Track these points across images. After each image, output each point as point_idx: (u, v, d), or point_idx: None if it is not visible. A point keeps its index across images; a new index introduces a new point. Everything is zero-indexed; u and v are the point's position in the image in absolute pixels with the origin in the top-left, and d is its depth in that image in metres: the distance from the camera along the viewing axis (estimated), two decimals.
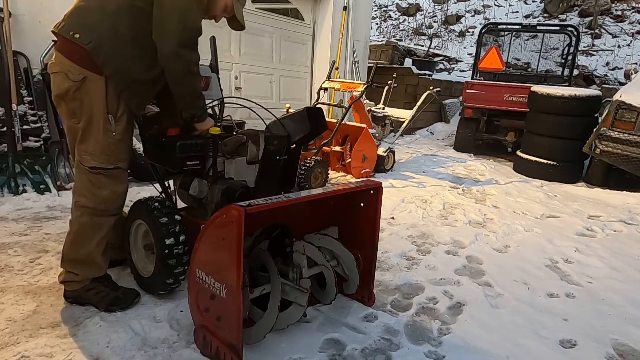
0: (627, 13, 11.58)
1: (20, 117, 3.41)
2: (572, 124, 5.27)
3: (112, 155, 1.82)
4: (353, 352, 1.74)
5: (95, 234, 1.88)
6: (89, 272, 1.91)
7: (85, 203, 1.84)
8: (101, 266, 1.94)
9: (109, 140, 1.80)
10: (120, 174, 1.88)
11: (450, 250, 2.89)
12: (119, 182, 1.88)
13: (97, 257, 1.90)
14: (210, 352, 1.60)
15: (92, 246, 1.87)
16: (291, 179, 2.31)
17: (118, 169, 1.86)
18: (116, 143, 1.82)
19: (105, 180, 1.83)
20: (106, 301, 1.89)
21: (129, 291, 1.97)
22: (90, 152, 1.80)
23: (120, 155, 1.86)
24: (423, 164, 5.86)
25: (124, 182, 1.91)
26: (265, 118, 2.32)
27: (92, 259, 1.89)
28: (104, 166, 1.81)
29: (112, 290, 1.94)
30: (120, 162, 1.86)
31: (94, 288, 1.92)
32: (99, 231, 1.88)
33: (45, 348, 1.62)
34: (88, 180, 1.83)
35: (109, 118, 1.78)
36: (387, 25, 14.34)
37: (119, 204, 1.93)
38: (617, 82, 9.42)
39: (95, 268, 1.92)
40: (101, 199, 1.84)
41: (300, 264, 1.84)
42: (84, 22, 1.72)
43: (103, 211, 1.86)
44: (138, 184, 3.76)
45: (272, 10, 5.75)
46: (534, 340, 1.90)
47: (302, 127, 2.23)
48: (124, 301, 1.91)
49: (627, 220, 3.75)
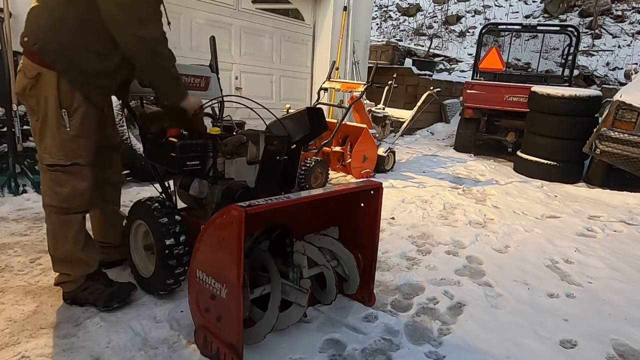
0: (627, 13, 11.58)
1: (20, 117, 3.41)
2: (572, 124, 5.27)
3: (68, 152, 1.77)
4: (353, 352, 1.74)
5: (66, 232, 1.84)
6: (77, 270, 1.90)
7: (49, 202, 1.82)
8: (87, 262, 1.91)
9: (64, 136, 1.75)
10: (78, 170, 1.81)
11: (450, 250, 2.89)
12: (79, 179, 1.82)
13: (78, 254, 1.87)
14: (210, 352, 1.60)
15: (69, 244, 1.85)
16: (291, 179, 2.31)
17: (75, 165, 1.79)
18: (72, 139, 1.76)
19: (64, 177, 1.79)
20: (103, 298, 1.88)
21: (124, 285, 1.97)
22: (48, 150, 1.76)
23: (78, 151, 1.79)
24: (423, 164, 5.86)
25: (84, 179, 1.84)
26: (265, 118, 2.32)
27: (73, 257, 1.87)
28: (61, 162, 1.77)
29: (107, 286, 1.93)
30: (78, 158, 1.79)
31: (88, 287, 1.91)
32: (69, 229, 1.84)
33: (45, 348, 1.62)
34: (49, 178, 1.80)
35: (62, 113, 1.73)
36: (387, 25, 14.35)
37: (82, 201, 1.85)
38: (617, 82, 9.42)
39: (81, 265, 1.90)
40: (63, 196, 1.80)
41: (300, 264, 1.84)
42: (30, 24, 1.73)
43: (66, 209, 1.82)
44: (138, 184, 3.76)
45: (272, 10, 5.75)
46: (534, 340, 1.90)
47: (302, 127, 2.23)
48: (120, 295, 1.91)
49: (627, 220, 3.75)
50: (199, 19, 4.91)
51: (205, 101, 2.11)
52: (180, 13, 4.73)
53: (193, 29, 4.88)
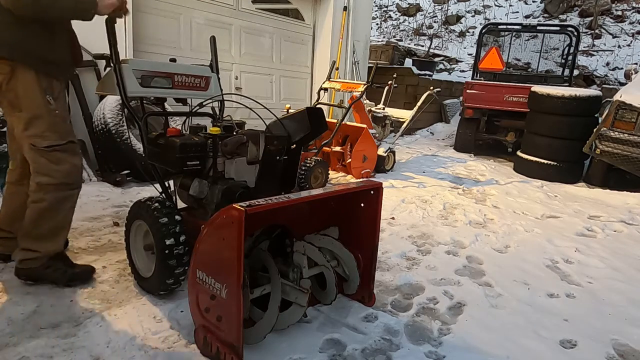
0: (627, 13, 11.58)
1: None
2: (572, 124, 5.27)
3: (62, 132, 1.94)
4: (353, 352, 1.74)
5: (61, 208, 1.99)
6: (50, 247, 2.01)
7: (48, 181, 1.94)
8: (61, 242, 2.06)
9: (55, 119, 1.92)
10: (73, 147, 1.99)
11: (450, 250, 2.89)
12: (74, 155, 2.00)
13: (62, 231, 2.03)
14: (210, 352, 1.60)
15: (59, 220, 2.00)
16: (291, 179, 2.31)
17: (70, 143, 1.97)
18: (62, 120, 1.95)
19: (62, 156, 1.95)
20: (65, 277, 2.00)
21: (85, 267, 2.11)
22: (41, 134, 1.90)
23: (69, 130, 1.99)
24: (423, 164, 5.86)
25: (78, 155, 2.03)
26: (265, 118, 2.32)
27: (57, 233, 2.02)
28: (58, 142, 1.92)
29: (69, 267, 2.04)
30: (70, 136, 1.99)
31: (51, 266, 2.01)
32: (66, 203, 2.00)
33: (45, 348, 1.62)
34: (46, 160, 1.93)
35: (48, 99, 1.89)
36: (387, 25, 14.35)
37: (79, 175, 2.03)
38: (617, 82, 9.42)
39: (56, 242, 2.03)
40: (64, 173, 1.95)
41: (300, 264, 1.84)
42: None
43: (69, 184, 1.98)
44: (138, 184, 3.76)
45: (272, 10, 5.75)
46: (534, 340, 1.90)
47: (302, 127, 2.23)
48: (82, 276, 2.04)
49: (627, 220, 3.75)
50: (199, 19, 4.91)
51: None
52: (180, 13, 4.73)
53: (193, 29, 4.88)
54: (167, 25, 4.63)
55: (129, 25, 4.05)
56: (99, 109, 3.70)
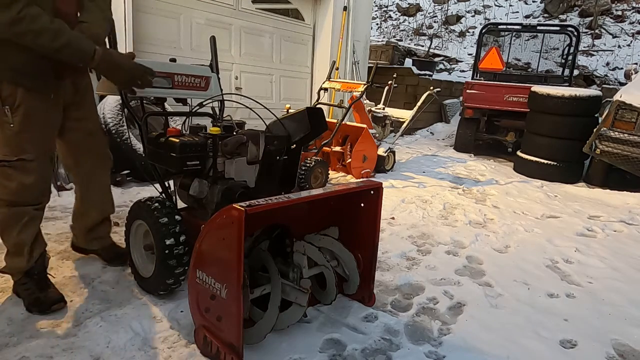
0: (627, 13, 11.58)
1: None
2: (572, 124, 5.27)
3: (13, 147, 1.78)
4: (353, 352, 1.74)
5: (15, 224, 1.87)
6: (18, 262, 1.92)
7: (0, 195, 1.85)
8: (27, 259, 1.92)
9: (7, 132, 1.76)
10: (24, 165, 1.81)
11: (450, 250, 2.89)
12: (25, 174, 1.82)
13: (22, 247, 1.90)
14: (210, 352, 1.60)
15: (14, 235, 1.88)
16: (291, 179, 2.31)
17: (21, 161, 1.80)
18: (15, 135, 1.77)
19: (10, 172, 1.81)
20: (28, 299, 1.89)
21: (52, 296, 1.91)
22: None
23: (23, 147, 1.79)
24: (423, 164, 5.86)
25: (31, 173, 1.83)
26: (265, 118, 2.32)
27: (19, 251, 1.90)
28: (7, 158, 1.79)
29: (38, 289, 1.91)
30: (23, 154, 1.80)
31: (25, 283, 1.93)
32: (18, 220, 1.86)
33: (45, 348, 1.62)
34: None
35: (5, 110, 1.73)
36: (387, 25, 14.35)
37: (30, 195, 1.86)
38: (617, 82, 9.41)
39: (23, 259, 1.91)
40: (11, 190, 1.82)
41: (300, 264, 1.84)
42: None
43: (15, 202, 1.84)
44: (138, 184, 3.76)
45: (272, 10, 5.75)
46: (534, 340, 1.90)
47: (302, 127, 2.23)
48: (41, 304, 1.87)
49: (627, 220, 3.75)
50: (199, 19, 4.91)
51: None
52: (180, 13, 4.73)
53: (193, 29, 4.88)
54: (167, 25, 4.63)
55: (129, 25, 4.05)
56: (99, 109, 3.69)
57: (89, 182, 2.22)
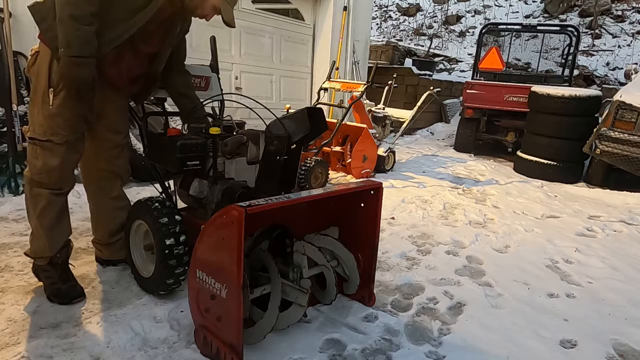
0: (627, 13, 11.58)
1: (20, 117, 3.41)
2: (572, 124, 5.27)
3: (47, 128, 1.83)
4: (353, 352, 1.74)
5: (35, 205, 1.91)
6: (37, 247, 1.95)
7: (27, 172, 1.91)
8: (47, 245, 1.93)
9: (45, 112, 1.82)
10: (52, 147, 1.85)
11: (450, 250, 2.89)
12: (51, 155, 1.85)
13: (40, 231, 1.92)
14: (210, 352, 1.60)
15: (34, 218, 1.92)
16: (291, 179, 2.31)
17: (50, 142, 1.84)
18: (51, 116, 1.82)
19: (39, 151, 1.86)
20: (50, 289, 1.94)
21: (74, 289, 1.96)
22: (31, 123, 1.87)
23: (55, 129, 1.83)
24: (423, 164, 5.86)
25: (57, 156, 1.86)
26: (265, 118, 2.32)
27: (38, 232, 1.93)
28: (38, 137, 1.84)
29: (61, 281, 1.95)
30: (53, 136, 1.83)
31: (48, 270, 1.96)
32: (38, 202, 1.90)
33: (45, 348, 1.62)
34: (30, 150, 1.90)
35: (49, 91, 1.80)
36: (387, 25, 14.35)
37: (51, 177, 1.88)
38: (617, 82, 9.41)
39: (41, 244, 1.94)
40: (36, 169, 1.87)
41: (300, 264, 1.84)
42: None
43: (38, 182, 1.88)
44: (138, 184, 3.76)
45: (272, 10, 5.75)
46: (534, 340, 1.90)
47: (302, 127, 2.23)
48: (64, 297, 1.92)
49: (627, 220, 3.75)
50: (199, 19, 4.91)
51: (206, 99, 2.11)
52: None
53: (193, 29, 4.81)
54: None
55: None
56: None
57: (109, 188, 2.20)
